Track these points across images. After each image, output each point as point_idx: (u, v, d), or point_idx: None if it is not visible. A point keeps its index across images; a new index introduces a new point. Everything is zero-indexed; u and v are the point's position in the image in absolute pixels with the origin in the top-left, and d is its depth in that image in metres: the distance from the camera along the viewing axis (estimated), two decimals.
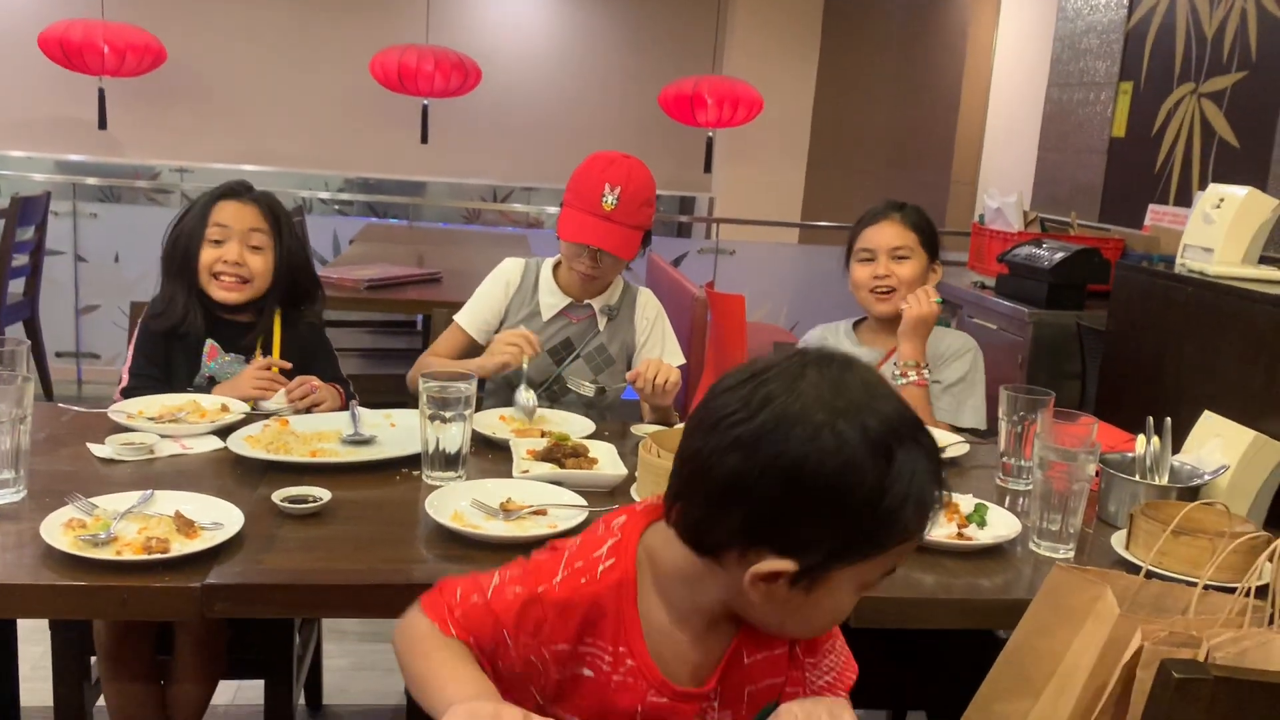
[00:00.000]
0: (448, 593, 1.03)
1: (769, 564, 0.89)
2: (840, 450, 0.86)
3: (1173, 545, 1.39)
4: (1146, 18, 3.95)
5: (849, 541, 0.89)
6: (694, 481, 0.92)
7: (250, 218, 2.05)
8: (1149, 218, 3.81)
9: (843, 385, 0.89)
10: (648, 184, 2.09)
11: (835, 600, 0.94)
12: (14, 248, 4.24)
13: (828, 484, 0.86)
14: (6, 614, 1.57)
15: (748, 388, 0.90)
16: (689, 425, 0.95)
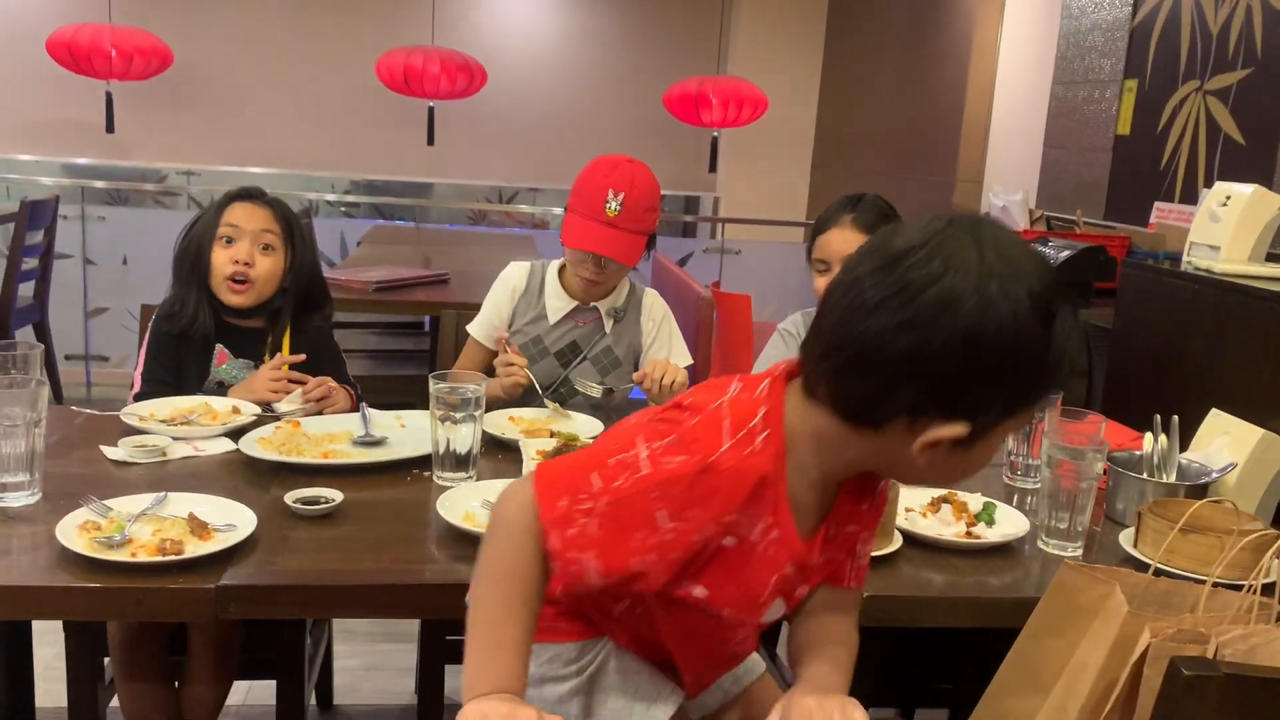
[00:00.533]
0: (568, 492, 0.97)
1: (943, 430, 0.93)
2: (1014, 317, 0.89)
3: (1181, 543, 1.39)
4: (1151, 15, 3.95)
5: (1017, 400, 0.94)
6: (859, 362, 0.93)
7: (262, 219, 2.06)
8: (1154, 215, 3.81)
9: (996, 249, 0.92)
10: (651, 189, 2.09)
11: (986, 452, 0.98)
12: (23, 251, 4.26)
13: (1004, 351, 0.90)
14: (23, 615, 1.57)
15: (901, 268, 0.91)
16: (834, 309, 0.95)
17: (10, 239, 4.25)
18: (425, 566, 1.36)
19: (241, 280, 2.03)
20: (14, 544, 1.35)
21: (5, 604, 1.27)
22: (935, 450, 0.95)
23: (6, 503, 1.44)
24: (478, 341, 2.21)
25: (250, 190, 2.11)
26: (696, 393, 1.02)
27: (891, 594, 1.35)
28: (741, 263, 5.44)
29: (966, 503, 1.57)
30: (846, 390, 0.95)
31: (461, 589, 1.32)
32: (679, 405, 1.01)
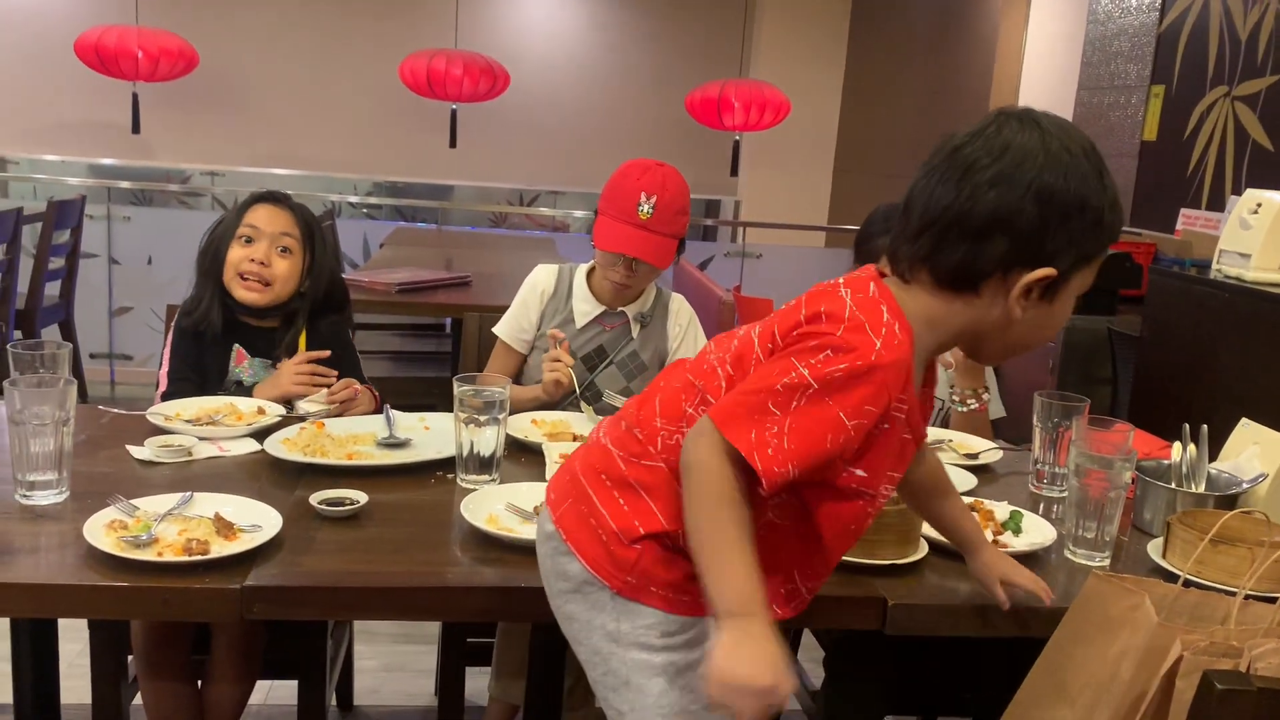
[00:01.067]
0: (753, 423, 1.06)
1: (1035, 274, 1.09)
2: (1079, 170, 1.08)
3: (1211, 554, 1.38)
4: (1179, 20, 3.92)
5: (1087, 244, 1.11)
6: (951, 228, 1.10)
7: (283, 222, 2.07)
8: (1181, 222, 3.78)
9: (1047, 119, 1.11)
10: (682, 192, 2.09)
11: (1065, 307, 1.16)
12: (50, 250, 4.30)
13: (1075, 199, 1.08)
14: (50, 614, 1.59)
15: (972, 147, 1.10)
16: (920, 197, 1.12)
17: (38, 238, 4.29)
18: (449, 569, 1.36)
19: (256, 278, 2.04)
20: (42, 542, 1.35)
21: (33, 602, 1.27)
22: (1028, 301, 1.11)
23: (35, 501, 1.45)
24: (505, 344, 2.21)
25: (274, 193, 2.13)
26: (820, 303, 1.11)
27: (916, 602, 1.34)
28: (763, 266, 5.43)
29: (993, 511, 1.56)
30: (945, 261, 1.11)
31: (484, 592, 1.32)
32: (815, 318, 1.10)
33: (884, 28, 6.66)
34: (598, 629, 1.19)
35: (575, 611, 1.20)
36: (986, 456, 1.91)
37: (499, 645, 2.11)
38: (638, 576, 1.16)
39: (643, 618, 1.17)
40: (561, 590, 1.21)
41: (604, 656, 1.19)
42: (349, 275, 3.50)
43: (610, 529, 1.17)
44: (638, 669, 1.17)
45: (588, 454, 1.24)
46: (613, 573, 1.16)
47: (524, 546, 1.40)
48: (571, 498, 1.21)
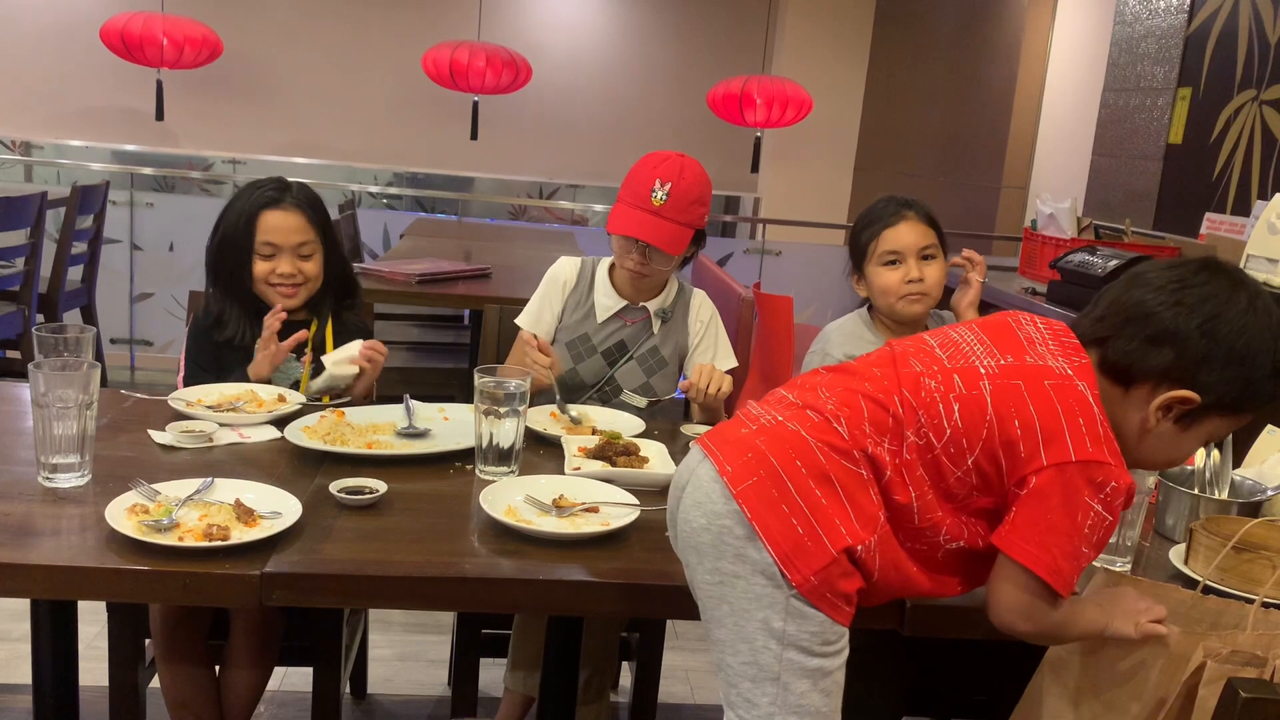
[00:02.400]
0: (1074, 570, 1.17)
1: (1181, 393, 1.17)
2: (1257, 324, 1.17)
3: (1233, 562, 1.36)
4: (1208, 23, 3.88)
5: (1237, 395, 1.18)
6: (1130, 324, 1.20)
7: (297, 230, 2.03)
8: (1205, 226, 3.74)
9: (1252, 279, 1.22)
10: (699, 182, 2.08)
11: (1192, 440, 1.22)
12: (73, 235, 4.33)
13: (1242, 344, 1.16)
14: (71, 596, 1.60)
15: (1180, 269, 1.21)
16: (1122, 286, 1.24)
17: (61, 223, 4.32)
18: (466, 560, 1.36)
19: (288, 284, 2.04)
20: (64, 524, 1.36)
21: (54, 584, 1.28)
22: (1165, 416, 1.19)
23: (57, 483, 1.46)
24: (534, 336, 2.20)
25: (275, 194, 2.04)
26: (1077, 412, 1.17)
27: (933, 604, 1.33)
28: (782, 264, 5.42)
29: None
30: (1118, 347, 1.20)
31: (501, 584, 1.32)
32: (1078, 434, 1.15)
33: (908, 26, 6.62)
34: (758, 621, 1.19)
35: (733, 595, 1.19)
36: None
37: (515, 637, 2.11)
38: (821, 580, 1.17)
39: (811, 623, 1.18)
40: (725, 570, 1.20)
41: (755, 648, 1.19)
42: (370, 265, 3.51)
43: (810, 525, 1.17)
44: (791, 668, 1.19)
45: (774, 435, 1.22)
46: (801, 571, 1.17)
47: (542, 538, 1.40)
48: (758, 476, 1.19)
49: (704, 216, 2.12)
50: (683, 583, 1.27)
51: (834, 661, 1.21)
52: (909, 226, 2.11)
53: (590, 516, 1.47)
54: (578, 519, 1.45)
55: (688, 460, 1.29)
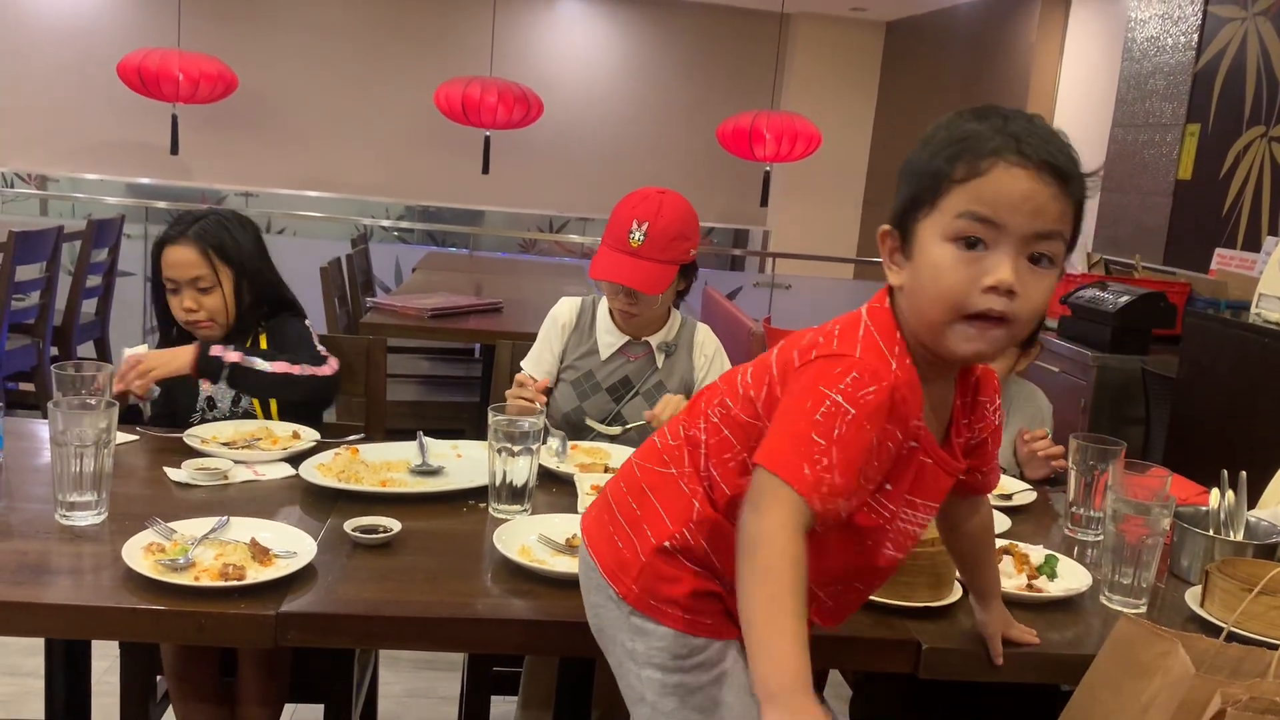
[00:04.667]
0: (804, 458, 1.03)
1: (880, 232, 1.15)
2: (928, 136, 1.13)
3: (1251, 604, 1.36)
4: (1215, 59, 3.91)
5: (913, 195, 1.11)
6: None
7: (190, 264, 2.05)
8: (1215, 262, 3.75)
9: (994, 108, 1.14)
10: (679, 218, 2.06)
11: (929, 257, 1.09)
12: (88, 268, 4.36)
13: (907, 160, 1.14)
14: (88, 635, 1.60)
15: None
16: None
17: (76, 256, 4.36)
18: (479, 600, 1.36)
19: (200, 323, 2.07)
20: (80, 563, 1.37)
21: (70, 623, 1.28)
22: (894, 267, 1.13)
23: (74, 521, 1.47)
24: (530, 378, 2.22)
25: (172, 231, 2.09)
26: (836, 322, 1.14)
27: (950, 646, 1.33)
28: (792, 297, 5.43)
29: (1028, 555, 1.55)
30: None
31: (514, 624, 1.32)
32: (830, 338, 1.11)
33: (916, 62, 6.67)
34: (619, 645, 1.21)
35: (603, 624, 1.23)
36: (1021, 498, 1.89)
37: (526, 675, 2.10)
38: (643, 588, 1.17)
39: (655, 638, 1.17)
40: (591, 603, 1.24)
41: (624, 671, 1.21)
42: (382, 299, 3.53)
43: (627, 536, 1.20)
44: (652, 687, 1.18)
45: (618, 474, 1.29)
46: (624, 583, 1.18)
47: (555, 579, 1.40)
48: (596, 507, 1.27)
49: (689, 251, 2.12)
50: None
51: (699, 677, 1.16)
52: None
53: None
54: None
55: None
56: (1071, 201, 1.10)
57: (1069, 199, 1.09)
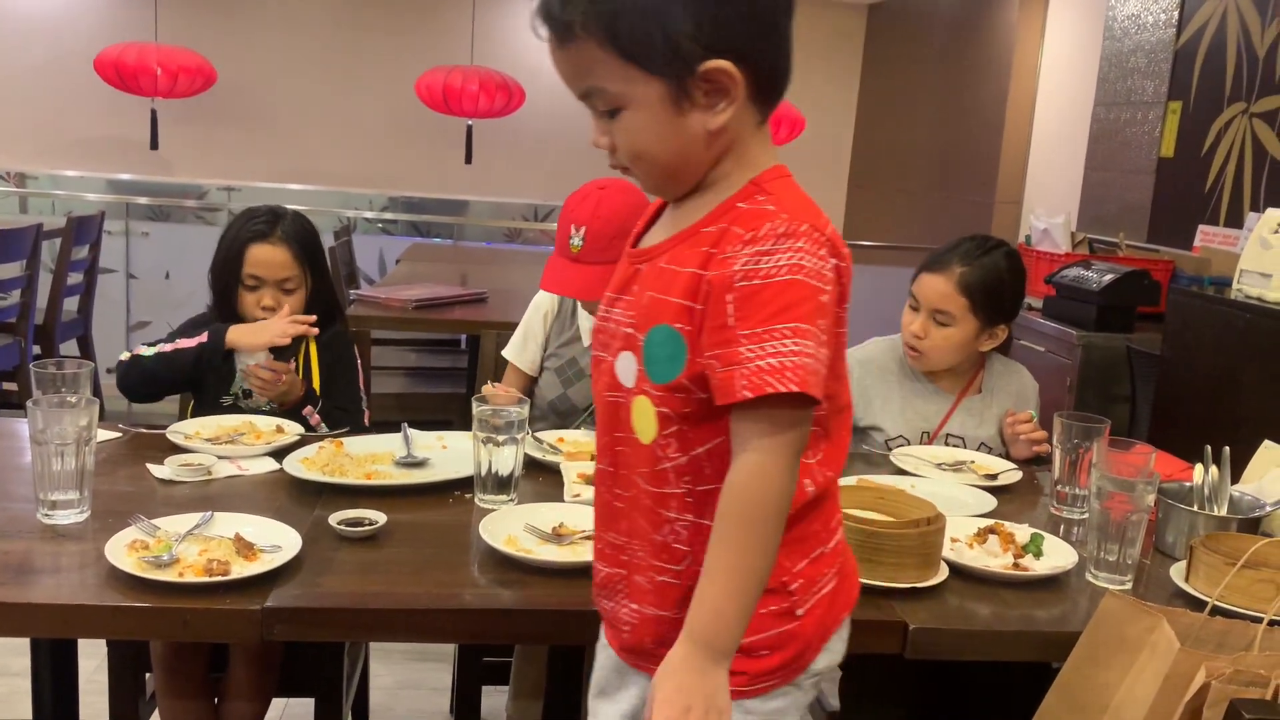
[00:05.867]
0: (817, 370, 0.99)
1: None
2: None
3: (1235, 579, 1.36)
4: (1196, 37, 3.91)
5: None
6: None
7: (281, 265, 2.08)
8: (1199, 239, 3.76)
9: None
10: (619, 213, 1.92)
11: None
12: (69, 266, 4.33)
13: None
14: (72, 634, 1.59)
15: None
16: None
17: (57, 254, 4.33)
18: (467, 591, 1.36)
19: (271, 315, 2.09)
20: (63, 562, 1.36)
21: (55, 623, 1.28)
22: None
23: (56, 520, 1.46)
24: (516, 367, 2.21)
25: (263, 227, 2.09)
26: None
27: (936, 626, 1.33)
28: None
29: (1014, 534, 1.55)
30: None
31: (502, 614, 1.32)
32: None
33: (898, 44, 6.66)
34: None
35: None
36: (1006, 477, 1.90)
37: (516, 666, 2.11)
38: None
39: None
40: None
41: None
42: (366, 291, 3.52)
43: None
44: None
45: None
46: None
47: (542, 568, 1.40)
48: None
49: None
50: None
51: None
52: (940, 281, 2.05)
53: (591, 545, 1.46)
54: (578, 547, 1.45)
55: None
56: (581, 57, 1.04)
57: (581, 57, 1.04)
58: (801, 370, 0.97)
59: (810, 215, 1.04)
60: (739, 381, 0.99)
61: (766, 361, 0.98)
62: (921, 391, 2.12)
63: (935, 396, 2.12)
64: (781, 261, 1.00)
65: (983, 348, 2.09)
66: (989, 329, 2.07)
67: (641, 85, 1.03)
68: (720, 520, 1.02)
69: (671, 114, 1.04)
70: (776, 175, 1.10)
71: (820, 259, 1.01)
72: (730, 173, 1.09)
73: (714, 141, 1.06)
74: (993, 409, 2.13)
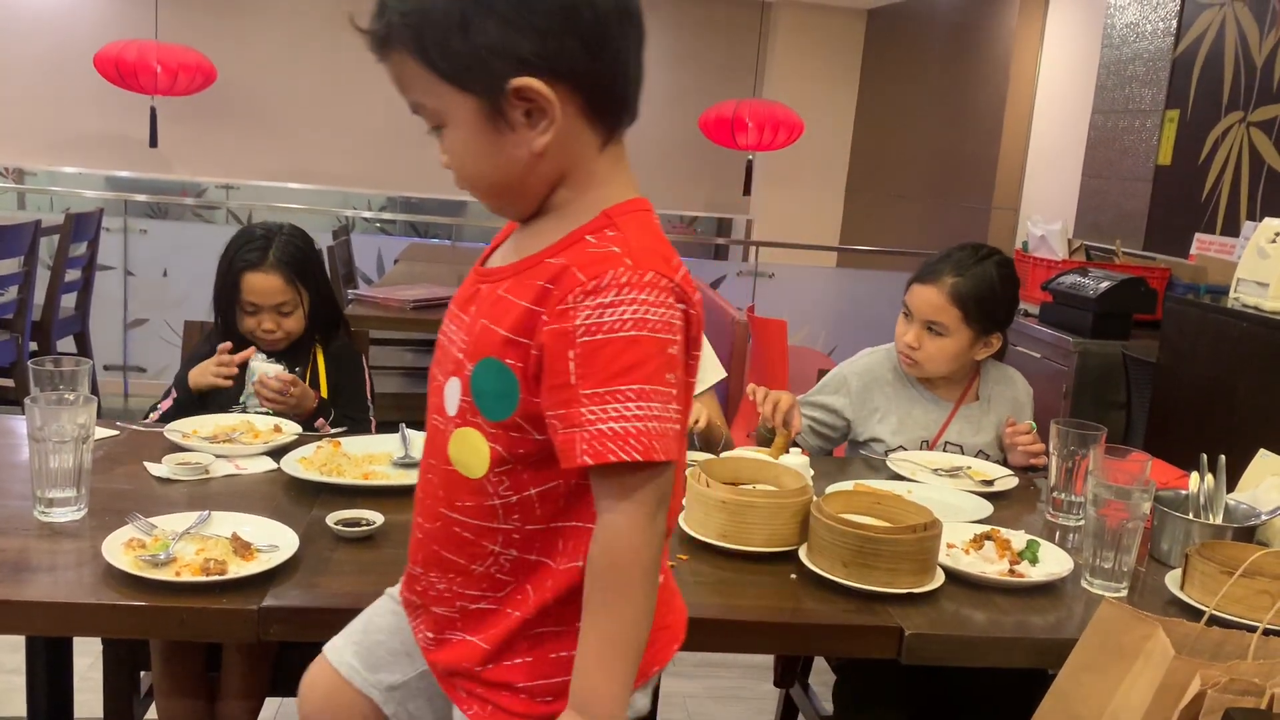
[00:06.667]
0: (661, 430, 0.96)
1: None
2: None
3: (1231, 588, 1.37)
4: (1194, 45, 3.92)
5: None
6: None
7: (275, 291, 2.13)
8: (1195, 247, 3.77)
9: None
10: None
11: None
12: (67, 263, 4.33)
13: None
14: (68, 632, 1.58)
15: None
16: None
17: (54, 251, 4.32)
18: None
19: (271, 336, 2.16)
20: (60, 560, 1.36)
21: (51, 621, 1.28)
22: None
23: (53, 518, 1.45)
24: None
25: (257, 257, 2.14)
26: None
27: (932, 631, 1.34)
28: (775, 286, 5.44)
29: (1010, 540, 1.55)
30: None
31: None
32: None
33: (898, 49, 6.67)
34: None
35: None
36: (1003, 484, 1.90)
37: None
38: None
39: None
40: None
41: None
42: (365, 291, 3.52)
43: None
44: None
45: None
46: None
47: None
48: None
49: None
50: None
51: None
52: (932, 291, 2.05)
53: None
54: None
55: None
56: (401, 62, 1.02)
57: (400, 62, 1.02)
58: (646, 435, 0.94)
59: (656, 261, 0.98)
60: (580, 446, 0.95)
61: (609, 426, 0.94)
62: (919, 401, 2.13)
63: (933, 405, 2.12)
64: (626, 315, 0.95)
65: (978, 356, 2.10)
66: (983, 338, 2.07)
67: (456, 101, 0.99)
68: (588, 584, 0.99)
69: (489, 133, 0.99)
70: (632, 209, 1.03)
71: (667, 308, 0.96)
72: (573, 199, 1.04)
73: (540, 164, 1.01)
74: (990, 416, 2.13)
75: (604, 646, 0.98)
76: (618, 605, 0.98)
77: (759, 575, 1.45)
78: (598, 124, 1.02)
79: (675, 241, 1.11)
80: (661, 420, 0.95)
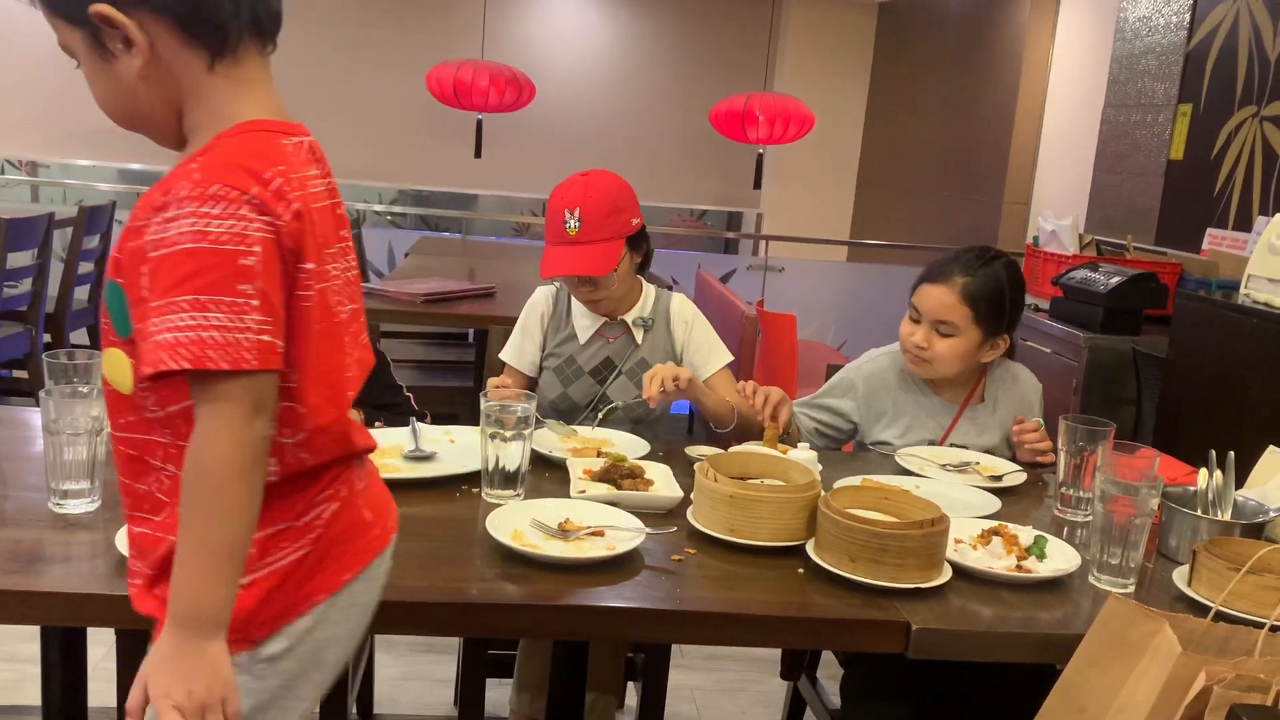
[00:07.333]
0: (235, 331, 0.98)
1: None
2: None
3: (1238, 584, 1.37)
4: (1207, 39, 3.91)
5: None
6: None
7: None
8: (1207, 242, 3.76)
9: None
10: (610, 194, 2.08)
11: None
12: (80, 255, 4.35)
13: None
14: (82, 623, 1.60)
15: None
16: None
17: (68, 243, 4.35)
18: (473, 585, 1.37)
19: None
20: (74, 551, 1.37)
21: (65, 611, 1.29)
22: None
23: (67, 509, 1.47)
24: (515, 369, 2.22)
25: None
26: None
27: (939, 626, 1.34)
28: (785, 280, 5.43)
29: (1017, 535, 1.56)
30: None
31: (507, 609, 1.33)
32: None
33: (909, 43, 6.65)
34: None
35: None
36: (1011, 479, 1.90)
37: (520, 659, 2.12)
38: None
39: None
40: None
41: None
42: (376, 285, 3.53)
43: None
44: None
45: None
46: None
47: (548, 563, 1.41)
48: None
49: (630, 221, 2.11)
50: (689, 607, 1.28)
51: None
52: (941, 291, 2.04)
53: (596, 540, 1.47)
54: (583, 543, 1.46)
55: None
56: None
57: None
58: (198, 345, 0.95)
59: (231, 173, 0.99)
60: (146, 357, 0.97)
61: (164, 336, 0.95)
62: (925, 403, 2.13)
63: (939, 408, 2.12)
64: (184, 229, 0.97)
65: (984, 358, 2.10)
66: (991, 339, 2.07)
67: (71, 35, 1.05)
68: (182, 492, 1.01)
69: (99, 61, 1.05)
70: (246, 129, 1.06)
71: (236, 219, 0.97)
72: (201, 123, 1.08)
73: (149, 89, 1.05)
74: (996, 416, 2.13)
75: (199, 557, 1.00)
76: (206, 511, 1.00)
77: (766, 569, 1.46)
78: (196, 44, 1.05)
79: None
80: (226, 330, 0.96)
